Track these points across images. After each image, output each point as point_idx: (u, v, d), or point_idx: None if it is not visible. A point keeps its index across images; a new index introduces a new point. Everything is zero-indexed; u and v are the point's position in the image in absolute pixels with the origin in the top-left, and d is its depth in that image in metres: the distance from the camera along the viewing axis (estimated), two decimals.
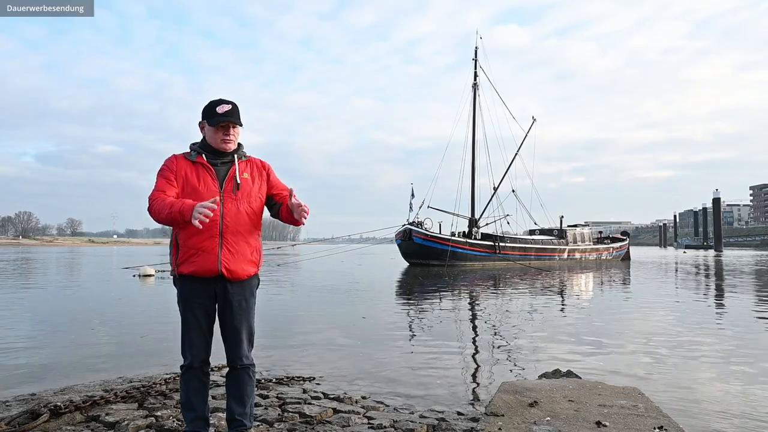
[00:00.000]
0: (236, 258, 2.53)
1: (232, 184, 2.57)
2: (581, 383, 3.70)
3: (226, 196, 2.55)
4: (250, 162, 2.70)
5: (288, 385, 4.18)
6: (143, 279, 15.82)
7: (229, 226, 2.52)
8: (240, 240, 2.55)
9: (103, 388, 3.91)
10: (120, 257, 37.62)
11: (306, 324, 7.62)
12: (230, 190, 2.56)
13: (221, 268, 2.50)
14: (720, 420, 3.52)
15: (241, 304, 2.59)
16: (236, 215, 2.55)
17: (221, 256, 2.50)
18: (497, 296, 12.03)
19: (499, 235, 29.97)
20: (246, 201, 2.59)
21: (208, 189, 2.53)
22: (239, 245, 2.55)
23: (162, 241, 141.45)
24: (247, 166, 2.67)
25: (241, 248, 2.55)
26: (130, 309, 9.23)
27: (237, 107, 2.61)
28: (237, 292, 2.57)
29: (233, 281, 2.55)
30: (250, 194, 2.61)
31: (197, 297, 2.55)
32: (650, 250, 73.44)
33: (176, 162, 2.59)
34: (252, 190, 2.63)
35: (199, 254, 2.49)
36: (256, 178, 2.67)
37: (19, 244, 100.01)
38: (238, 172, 2.59)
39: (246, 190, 2.60)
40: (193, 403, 2.59)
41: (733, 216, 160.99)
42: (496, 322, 7.97)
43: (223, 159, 2.61)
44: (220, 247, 2.50)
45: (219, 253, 2.50)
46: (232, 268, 2.52)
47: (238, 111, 2.61)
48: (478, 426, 2.89)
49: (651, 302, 10.52)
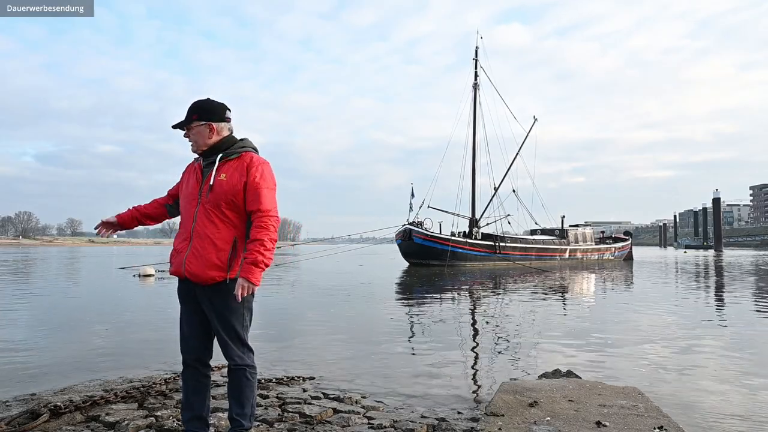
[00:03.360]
0: (198, 262, 2.47)
1: (207, 186, 2.53)
2: (581, 383, 3.70)
3: (202, 199, 2.53)
4: (239, 159, 2.56)
5: (288, 385, 4.18)
6: (143, 279, 15.82)
7: (197, 230, 2.51)
8: (206, 244, 2.48)
9: (103, 388, 3.92)
10: (120, 257, 37.61)
11: (306, 324, 7.62)
12: (205, 192, 2.53)
13: (184, 270, 2.51)
14: (720, 420, 3.52)
15: (215, 306, 2.52)
16: (205, 219, 2.50)
17: (186, 258, 2.51)
18: (497, 296, 12.02)
19: (500, 235, 29.97)
20: (216, 203, 2.50)
21: (190, 191, 2.61)
22: (205, 249, 2.48)
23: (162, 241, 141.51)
24: (233, 164, 2.55)
25: (206, 252, 2.47)
26: (130, 309, 9.23)
27: (193, 106, 2.58)
28: (208, 295, 2.51)
29: (201, 285, 2.50)
30: (224, 196, 2.49)
31: (183, 297, 2.62)
32: (650, 250, 73.41)
33: (186, 169, 2.75)
34: (227, 191, 2.49)
35: (175, 255, 2.60)
36: (236, 178, 2.52)
37: (19, 244, 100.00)
38: (215, 173, 2.53)
39: (218, 191, 2.49)
40: (191, 402, 2.59)
41: (733, 216, 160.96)
42: (496, 322, 7.96)
43: (210, 160, 2.57)
44: (188, 250, 2.51)
45: (185, 256, 2.51)
46: (193, 271, 2.48)
47: (194, 109, 2.57)
48: (478, 426, 2.89)
49: (651, 302, 10.52)
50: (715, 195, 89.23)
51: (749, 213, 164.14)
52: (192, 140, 2.60)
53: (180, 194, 2.71)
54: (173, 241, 2.64)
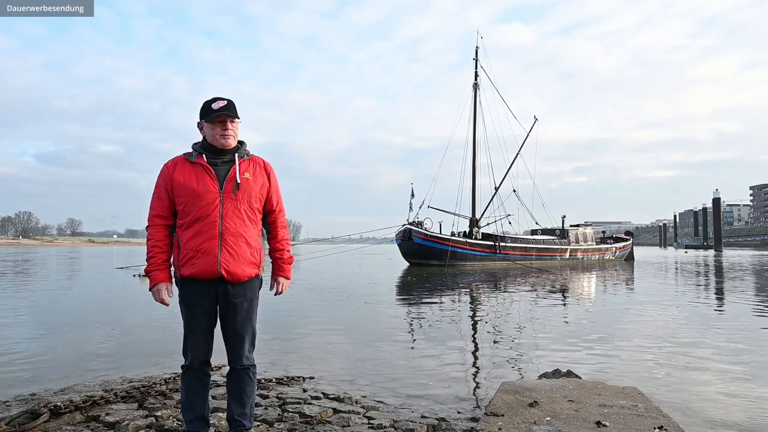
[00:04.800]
0: (236, 260, 2.51)
1: (233, 184, 2.53)
2: (581, 383, 3.69)
3: (226, 197, 2.52)
4: (252, 161, 2.65)
5: (288, 385, 4.18)
6: (143, 279, 15.81)
7: (229, 228, 2.50)
8: (240, 241, 2.52)
9: (103, 388, 3.92)
10: (120, 257, 37.60)
11: (306, 324, 7.62)
12: (230, 191, 2.52)
13: (221, 270, 2.48)
14: (720, 420, 3.51)
15: (243, 305, 2.57)
16: (236, 216, 2.52)
17: (221, 257, 2.48)
18: (497, 296, 12.02)
19: (500, 234, 29.96)
20: (246, 201, 2.56)
21: (207, 190, 2.50)
22: (239, 247, 2.52)
23: None
24: (249, 165, 2.63)
25: (241, 249, 2.53)
26: (130, 309, 9.23)
27: (233, 102, 2.59)
28: (238, 293, 2.55)
29: (234, 283, 2.53)
30: (251, 194, 2.58)
31: (198, 299, 2.54)
32: (650, 250, 73.39)
33: (168, 171, 2.56)
34: (253, 190, 2.59)
35: (199, 256, 2.48)
36: (258, 177, 2.63)
37: (19, 244, 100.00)
38: (239, 171, 2.55)
39: (246, 190, 2.56)
40: (192, 403, 2.59)
41: (733, 216, 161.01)
42: (495, 322, 7.96)
43: (224, 158, 2.56)
44: (219, 249, 2.48)
45: (219, 255, 2.48)
46: (231, 270, 2.50)
47: (235, 106, 2.59)
48: (478, 426, 2.89)
49: (651, 302, 10.51)
50: (715, 195, 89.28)
51: (749, 213, 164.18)
52: (231, 134, 2.56)
53: (184, 194, 2.51)
54: (185, 243, 2.50)
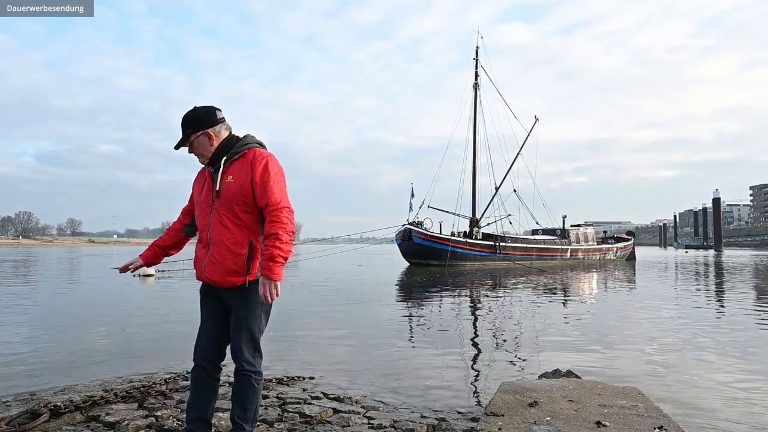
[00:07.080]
0: (216, 268, 2.48)
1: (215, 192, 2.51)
2: (581, 383, 3.69)
3: (215, 205, 2.51)
4: (243, 157, 2.51)
5: (288, 385, 4.18)
6: (143, 279, 15.82)
7: (213, 237, 2.51)
8: (222, 250, 2.47)
9: (103, 388, 3.92)
10: (120, 257, 37.59)
11: (306, 324, 7.62)
12: (216, 198, 2.51)
13: (204, 277, 2.54)
14: (720, 420, 3.51)
15: (238, 310, 2.53)
16: (219, 224, 2.50)
17: (205, 266, 2.53)
18: (497, 296, 12.02)
19: (500, 234, 29.96)
20: (226, 206, 2.48)
21: (203, 199, 2.58)
22: (221, 255, 2.47)
23: None
24: (237, 164, 2.50)
25: (223, 258, 2.46)
26: (130, 309, 9.23)
27: (184, 121, 2.52)
28: (233, 298, 2.53)
29: (227, 288, 2.51)
30: (231, 198, 2.46)
31: (206, 300, 2.63)
32: (650, 250, 73.40)
33: (197, 177, 2.72)
34: (234, 193, 2.46)
35: (196, 262, 2.62)
36: (242, 175, 2.47)
37: (19, 244, 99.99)
38: (221, 176, 2.50)
39: (226, 195, 2.46)
40: (196, 403, 2.58)
41: (733, 216, 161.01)
42: (496, 322, 7.96)
43: (217, 165, 2.53)
44: (207, 257, 2.53)
45: (204, 262, 2.53)
46: (212, 278, 2.50)
47: (186, 124, 2.52)
48: (478, 426, 2.89)
49: (651, 302, 10.52)
50: (715, 195, 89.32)
51: (749, 213, 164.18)
52: (197, 154, 2.56)
53: (194, 203, 2.69)
54: (195, 247, 2.67)
